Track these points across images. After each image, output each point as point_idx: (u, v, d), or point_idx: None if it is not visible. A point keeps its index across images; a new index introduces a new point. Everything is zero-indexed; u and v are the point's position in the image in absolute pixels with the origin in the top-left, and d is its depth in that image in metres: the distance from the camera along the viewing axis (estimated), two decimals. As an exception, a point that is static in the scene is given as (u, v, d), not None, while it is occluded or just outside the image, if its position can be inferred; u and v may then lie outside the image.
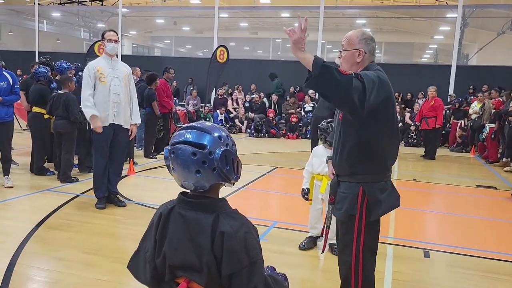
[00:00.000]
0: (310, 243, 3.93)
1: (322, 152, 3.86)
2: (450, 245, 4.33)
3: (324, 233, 2.62)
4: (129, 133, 5.02)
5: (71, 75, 6.82)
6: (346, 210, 2.32)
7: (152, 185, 6.03)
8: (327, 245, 3.85)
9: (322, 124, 3.99)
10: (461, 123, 11.96)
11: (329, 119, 3.99)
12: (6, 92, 5.49)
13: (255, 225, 1.49)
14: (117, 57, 5.13)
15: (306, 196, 3.87)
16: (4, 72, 5.59)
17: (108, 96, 4.73)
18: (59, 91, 6.16)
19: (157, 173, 7.07)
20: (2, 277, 3.11)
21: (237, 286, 1.38)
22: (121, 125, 4.86)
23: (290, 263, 3.63)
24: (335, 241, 3.82)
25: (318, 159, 3.82)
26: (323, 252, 3.00)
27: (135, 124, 5.07)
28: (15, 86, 5.63)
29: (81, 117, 6.04)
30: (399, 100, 13.61)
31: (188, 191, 1.49)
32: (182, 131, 1.44)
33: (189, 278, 1.43)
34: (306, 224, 4.04)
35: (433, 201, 6.58)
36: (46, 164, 6.63)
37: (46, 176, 6.29)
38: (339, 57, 2.43)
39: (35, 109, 6.33)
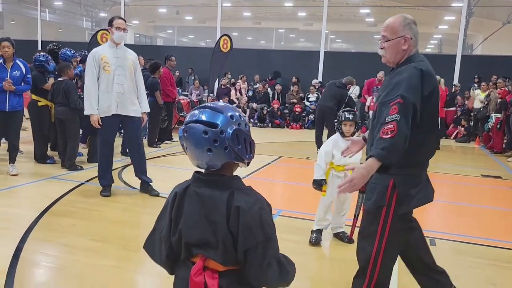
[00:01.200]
0: (319, 237, 3.78)
1: (341, 143, 3.61)
2: (456, 233, 4.31)
3: (353, 222, 2.52)
4: (142, 121, 4.94)
5: (75, 63, 6.80)
6: (375, 201, 2.26)
7: (157, 174, 6.01)
8: (339, 234, 3.85)
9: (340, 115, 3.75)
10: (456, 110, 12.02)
11: (348, 108, 3.89)
12: (19, 81, 5.50)
13: (269, 203, 1.48)
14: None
15: (320, 187, 3.63)
16: (17, 61, 5.58)
17: (112, 86, 4.64)
18: (59, 78, 6.14)
19: (162, 162, 7.07)
20: (9, 262, 3.12)
21: (252, 261, 1.38)
22: (130, 115, 4.77)
23: (296, 251, 3.62)
24: (344, 229, 3.82)
25: (339, 151, 3.58)
26: (350, 241, 2.83)
27: (145, 113, 5.00)
28: (28, 76, 5.64)
29: (81, 104, 6.03)
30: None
31: (203, 170, 1.49)
32: (195, 111, 1.45)
33: (205, 256, 1.43)
34: (310, 212, 4.03)
35: (438, 190, 6.49)
36: (50, 152, 6.64)
37: (51, 164, 6.28)
38: (382, 48, 2.31)
39: (33, 96, 6.33)
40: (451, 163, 8.16)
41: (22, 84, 5.59)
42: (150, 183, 5.02)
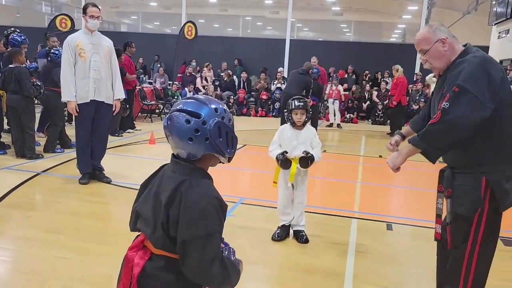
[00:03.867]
0: (283, 233, 3.66)
1: (290, 134, 3.55)
2: (412, 217, 4.45)
3: (448, 230, 2.23)
4: (113, 109, 4.97)
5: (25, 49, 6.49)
6: (472, 204, 2.11)
7: (117, 163, 5.91)
8: (293, 232, 3.70)
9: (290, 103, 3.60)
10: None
11: (299, 96, 3.77)
12: None
13: (226, 203, 1.46)
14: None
15: (287, 163, 3.47)
16: None
17: (88, 72, 4.68)
18: (10, 65, 5.87)
19: (121, 151, 6.93)
20: (-44, 257, 3.00)
21: (191, 255, 1.36)
22: (103, 101, 4.82)
23: (257, 238, 3.65)
24: (301, 228, 3.68)
25: (287, 142, 3.54)
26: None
27: (119, 99, 5.03)
28: None
29: (35, 91, 5.82)
30: (366, 79, 13.77)
31: None
32: (182, 101, 1.48)
33: (141, 229, 1.46)
34: (273, 200, 4.04)
35: (396, 176, 6.72)
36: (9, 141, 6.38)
37: (5, 155, 6.05)
38: (425, 62, 2.27)
39: None
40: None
41: None
42: (103, 171, 5.06)
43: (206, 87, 13.75)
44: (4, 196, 4.33)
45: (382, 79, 13.15)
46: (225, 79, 13.94)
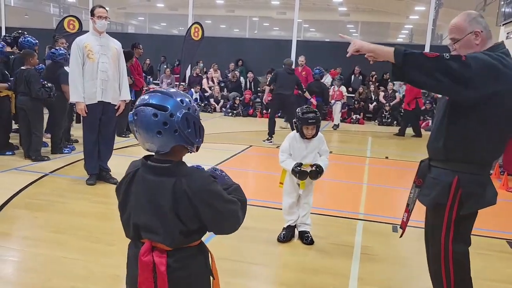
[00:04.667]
0: (288, 234, 3.67)
1: (300, 145, 3.56)
2: (418, 220, 4.42)
3: (407, 217, 2.34)
4: (116, 108, 5.01)
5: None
6: (434, 198, 2.15)
7: (123, 164, 5.92)
8: (298, 233, 3.71)
9: (299, 112, 3.52)
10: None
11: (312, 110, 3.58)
12: None
13: (209, 174, 1.58)
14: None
15: (303, 174, 3.47)
16: None
17: (96, 73, 4.73)
18: (22, 67, 5.93)
19: (129, 151, 6.96)
20: (-36, 257, 3.03)
21: (228, 223, 1.58)
22: (109, 102, 4.88)
23: (262, 239, 3.66)
24: (306, 229, 3.67)
25: (297, 153, 3.55)
26: (401, 236, 2.48)
27: (124, 101, 5.08)
28: None
29: (44, 94, 5.86)
30: (373, 80, 13.71)
31: (152, 154, 1.54)
32: (146, 96, 1.48)
33: (151, 240, 1.49)
34: (278, 201, 4.04)
35: (402, 178, 6.70)
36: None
37: (13, 155, 6.10)
38: (454, 50, 2.19)
39: None
40: (417, 151, 8.35)
41: None
42: (109, 172, 5.10)
43: (212, 88, 13.78)
44: (12, 197, 4.37)
45: (389, 80, 13.10)
46: (232, 79, 13.95)
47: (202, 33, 12.29)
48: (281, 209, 3.78)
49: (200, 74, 13.91)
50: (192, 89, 13.09)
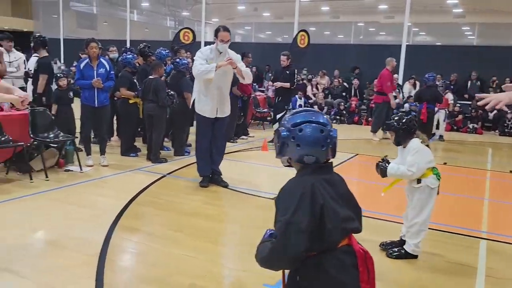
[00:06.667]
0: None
1: (399, 151, 3.47)
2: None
3: None
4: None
5: (169, 62, 7.25)
6: None
7: (232, 168, 6.17)
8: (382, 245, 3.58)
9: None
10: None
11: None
12: (104, 78, 5.86)
13: None
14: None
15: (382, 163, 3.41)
16: (101, 59, 5.97)
17: (215, 89, 5.02)
18: (150, 76, 6.48)
19: (237, 156, 7.22)
20: (100, 247, 3.39)
21: None
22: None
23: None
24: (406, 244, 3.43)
25: (423, 156, 3.33)
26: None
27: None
28: (111, 72, 6.01)
29: (168, 101, 6.34)
30: (494, 86, 12.54)
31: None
32: (306, 113, 1.76)
33: (352, 228, 1.71)
34: (387, 212, 3.87)
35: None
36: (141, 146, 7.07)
37: (136, 157, 6.67)
38: None
39: (123, 95, 6.70)
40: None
41: (107, 81, 5.93)
42: (221, 175, 5.33)
43: (316, 94, 13.74)
44: (137, 194, 4.80)
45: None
46: (335, 85, 13.79)
47: (308, 40, 12.33)
48: (386, 220, 3.67)
49: (304, 81, 13.95)
50: (296, 96, 13.17)
